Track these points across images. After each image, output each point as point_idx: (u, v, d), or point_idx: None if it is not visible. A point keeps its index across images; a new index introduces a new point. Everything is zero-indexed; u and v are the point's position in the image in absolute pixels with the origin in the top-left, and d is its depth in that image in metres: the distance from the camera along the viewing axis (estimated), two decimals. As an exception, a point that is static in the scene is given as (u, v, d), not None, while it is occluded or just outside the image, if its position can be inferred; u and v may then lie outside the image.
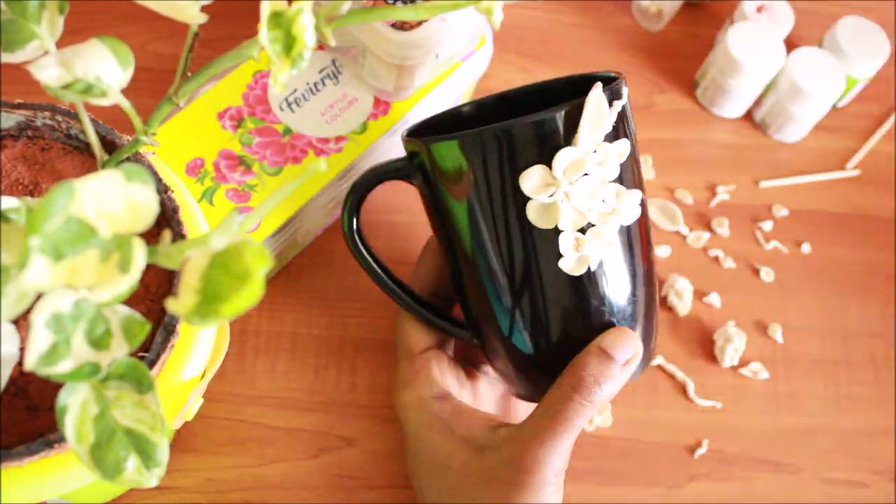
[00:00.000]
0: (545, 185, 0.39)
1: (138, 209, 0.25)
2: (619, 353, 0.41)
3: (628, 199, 0.41)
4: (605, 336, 0.42)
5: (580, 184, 0.39)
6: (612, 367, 0.41)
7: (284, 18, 0.26)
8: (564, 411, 0.40)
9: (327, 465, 0.50)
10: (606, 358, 0.41)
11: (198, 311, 0.24)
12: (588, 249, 0.40)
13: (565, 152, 0.39)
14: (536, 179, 0.39)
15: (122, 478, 0.28)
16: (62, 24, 0.31)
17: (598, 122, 0.39)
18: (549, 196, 0.39)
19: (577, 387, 0.40)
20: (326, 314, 0.54)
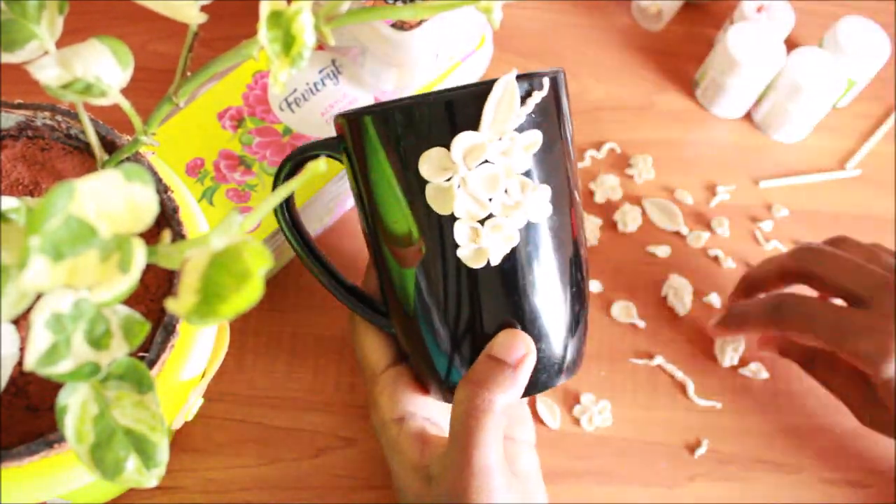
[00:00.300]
0: (442, 169, 0.38)
1: (138, 209, 0.25)
2: (508, 355, 0.40)
3: (535, 194, 0.39)
4: (493, 342, 0.40)
5: (479, 171, 0.38)
6: (504, 372, 0.40)
7: (284, 18, 0.26)
8: (473, 432, 0.39)
9: (327, 465, 0.50)
10: (496, 363, 0.40)
11: (197, 311, 0.24)
12: (486, 241, 0.38)
13: (465, 136, 0.37)
14: (434, 162, 0.38)
15: (122, 478, 0.28)
16: (62, 24, 0.31)
17: (506, 110, 0.37)
18: (445, 180, 0.38)
19: (473, 403, 0.39)
20: (326, 314, 0.54)
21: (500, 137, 0.38)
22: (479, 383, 0.39)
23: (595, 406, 0.54)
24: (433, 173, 0.38)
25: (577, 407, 0.54)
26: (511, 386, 0.40)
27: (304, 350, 0.53)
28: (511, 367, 0.40)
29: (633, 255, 0.58)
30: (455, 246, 0.39)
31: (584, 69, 0.64)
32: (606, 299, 0.57)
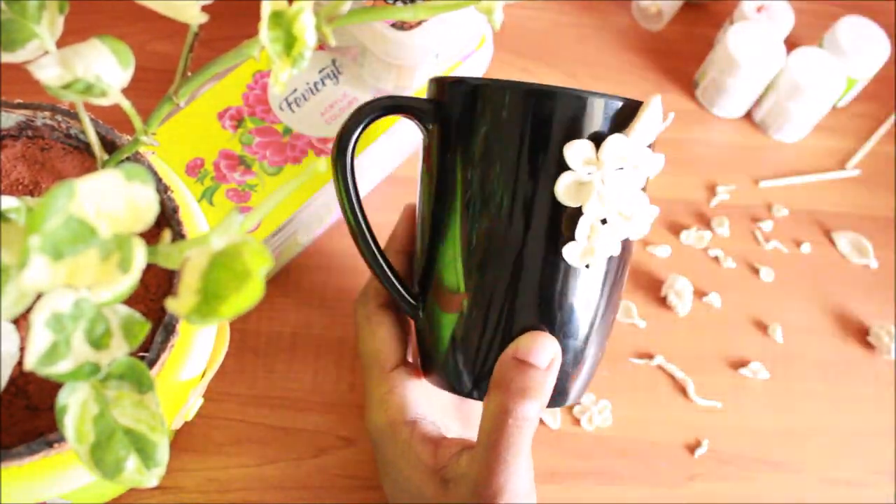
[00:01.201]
0: (587, 163, 0.38)
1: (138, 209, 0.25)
2: (537, 357, 0.39)
3: (646, 212, 0.40)
4: (517, 344, 0.39)
5: (618, 175, 0.38)
6: (536, 376, 0.39)
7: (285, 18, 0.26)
8: (503, 440, 0.38)
9: (327, 465, 0.50)
10: (525, 367, 0.39)
11: (198, 311, 0.24)
12: (597, 243, 0.39)
13: (618, 138, 0.38)
14: (582, 153, 0.38)
15: (122, 477, 0.28)
16: (62, 23, 0.31)
17: (651, 127, 0.39)
18: (587, 174, 0.38)
19: (505, 410, 0.38)
20: (326, 314, 0.54)
21: (638, 150, 0.39)
22: (516, 392, 0.38)
23: (595, 406, 0.54)
24: (577, 163, 0.38)
25: (577, 407, 0.54)
26: (545, 391, 0.39)
27: (304, 350, 0.53)
28: (543, 371, 0.39)
29: (633, 255, 0.58)
30: (558, 238, 0.39)
31: (584, 69, 0.64)
32: (606, 299, 0.57)
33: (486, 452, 0.39)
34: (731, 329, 0.57)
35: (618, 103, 0.39)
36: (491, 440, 0.38)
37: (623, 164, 0.38)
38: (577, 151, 0.38)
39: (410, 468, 0.42)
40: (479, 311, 0.40)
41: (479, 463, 0.39)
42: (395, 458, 0.43)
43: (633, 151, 0.38)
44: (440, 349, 0.42)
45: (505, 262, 0.40)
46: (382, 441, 0.43)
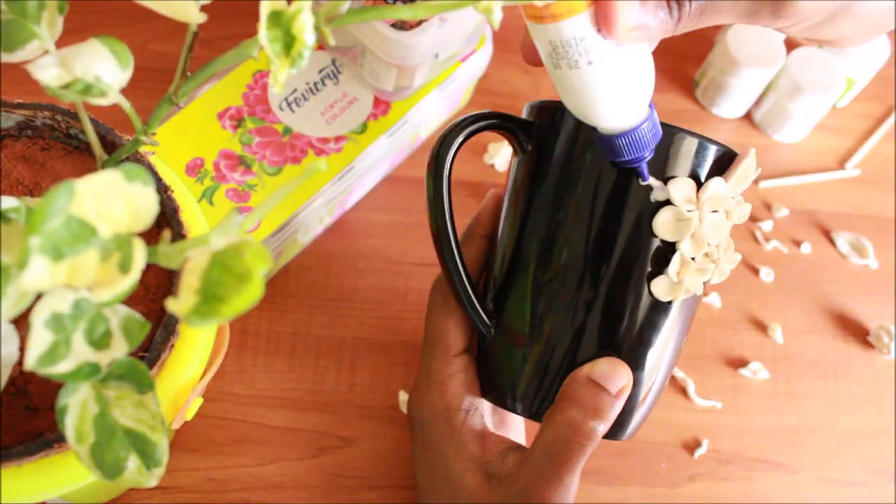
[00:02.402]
0: (688, 201, 0.39)
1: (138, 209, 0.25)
2: (612, 383, 0.39)
3: (731, 257, 0.41)
4: (594, 366, 0.40)
5: (713, 217, 0.39)
6: (607, 400, 0.39)
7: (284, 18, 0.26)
8: (565, 454, 0.39)
9: (327, 465, 0.50)
10: (598, 389, 0.39)
11: (198, 311, 0.24)
12: (687, 280, 0.39)
13: (718, 182, 0.39)
14: (685, 191, 0.39)
15: (122, 478, 0.28)
16: (62, 23, 0.31)
17: (746, 177, 0.40)
18: (688, 210, 0.39)
19: (573, 426, 0.39)
20: (326, 314, 0.54)
21: (732, 196, 0.40)
22: (588, 410, 0.39)
23: None
24: (679, 199, 0.39)
25: (577, 407, 0.54)
26: (612, 416, 0.40)
27: (305, 350, 0.53)
28: (614, 397, 0.39)
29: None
30: (648, 275, 0.39)
31: (584, 69, 0.64)
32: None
33: (544, 463, 0.39)
34: (731, 329, 0.57)
35: (719, 149, 0.40)
36: (552, 452, 0.39)
37: (719, 207, 0.39)
38: (681, 188, 0.39)
39: (455, 454, 0.42)
40: (556, 338, 0.41)
41: (533, 471, 0.39)
42: (441, 441, 0.42)
43: (728, 196, 0.40)
44: (507, 370, 0.42)
45: (588, 290, 0.40)
46: (433, 423, 0.43)
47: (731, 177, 0.40)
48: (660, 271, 0.39)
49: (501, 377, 0.43)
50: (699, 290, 0.40)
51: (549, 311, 0.41)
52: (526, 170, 0.42)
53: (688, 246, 0.39)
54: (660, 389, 0.43)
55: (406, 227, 0.56)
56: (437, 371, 0.43)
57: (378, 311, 0.54)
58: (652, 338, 0.41)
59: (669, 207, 0.39)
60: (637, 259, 0.39)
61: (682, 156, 0.39)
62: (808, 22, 0.35)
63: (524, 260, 0.42)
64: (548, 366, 0.41)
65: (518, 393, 0.42)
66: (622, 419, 0.42)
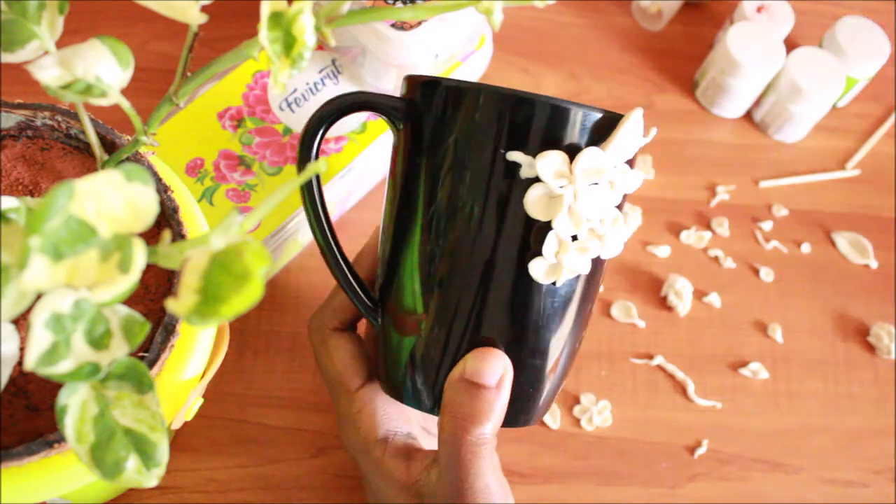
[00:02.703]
0: (558, 175, 0.36)
1: (138, 209, 0.25)
2: (487, 377, 0.37)
3: (620, 232, 0.38)
4: (464, 364, 0.38)
5: (592, 190, 0.36)
6: (486, 396, 0.37)
7: (284, 18, 0.26)
8: (464, 458, 0.38)
9: (327, 465, 0.50)
10: (476, 388, 0.37)
11: (198, 311, 0.24)
12: (567, 260, 0.37)
13: (592, 151, 0.36)
14: (554, 165, 0.36)
15: (122, 478, 0.28)
16: (62, 24, 0.31)
17: (630, 142, 0.37)
18: (560, 186, 0.36)
19: (461, 431, 0.37)
20: (326, 314, 0.54)
21: (614, 166, 0.37)
22: (466, 418, 0.37)
23: (595, 406, 0.54)
24: (548, 175, 0.36)
25: (576, 407, 0.54)
26: (497, 412, 0.38)
27: (304, 350, 0.53)
28: (494, 390, 0.37)
29: (633, 255, 0.58)
30: (525, 253, 0.37)
31: (584, 69, 0.64)
32: (606, 299, 0.57)
33: (448, 474, 0.38)
34: (731, 329, 0.57)
35: (596, 115, 0.37)
36: (451, 463, 0.38)
37: (598, 179, 0.36)
38: (550, 163, 0.36)
39: (385, 484, 0.42)
40: (440, 327, 0.39)
41: (446, 483, 0.39)
42: (370, 474, 0.43)
43: (608, 166, 0.36)
44: (399, 365, 0.40)
45: (468, 274, 0.38)
46: (358, 457, 0.43)
47: (609, 144, 0.36)
48: (538, 252, 0.37)
49: (393, 370, 0.41)
50: (585, 269, 0.37)
51: (430, 297, 0.39)
52: (401, 149, 0.40)
53: (564, 224, 0.36)
54: (563, 372, 0.41)
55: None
56: (344, 412, 0.43)
57: (378, 311, 0.54)
58: (542, 323, 0.38)
59: (539, 184, 0.36)
60: (515, 240, 0.37)
61: (555, 127, 0.36)
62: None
63: (404, 244, 0.39)
64: (432, 357, 0.39)
65: (409, 388, 0.40)
66: (522, 406, 0.40)
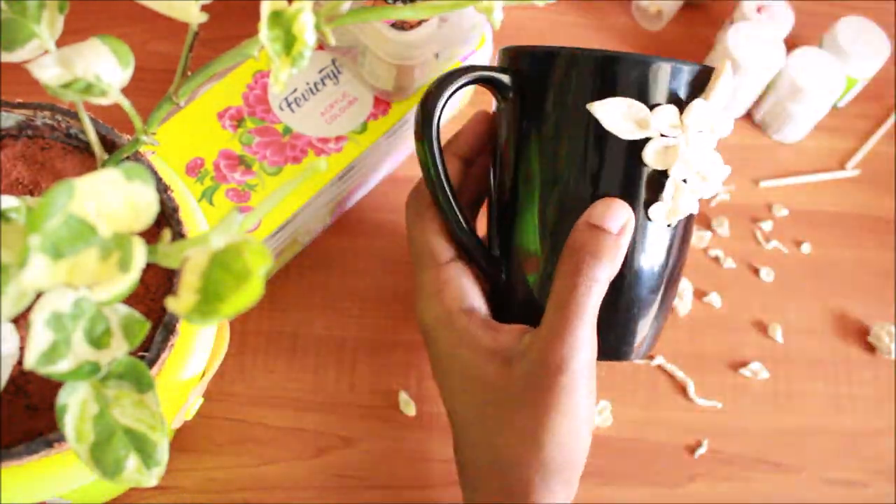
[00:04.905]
0: (672, 127, 0.40)
1: (138, 208, 0.25)
2: (611, 222, 0.39)
3: (720, 171, 0.42)
4: (591, 210, 0.40)
5: (700, 137, 0.41)
6: (607, 239, 0.39)
7: (285, 18, 0.26)
8: (573, 301, 0.39)
9: (327, 465, 0.50)
10: (598, 231, 0.39)
11: (198, 310, 0.24)
12: (682, 202, 0.41)
13: (701, 103, 0.40)
14: (669, 118, 0.40)
15: (122, 477, 0.28)
16: (62, 23, 0.31)
17: (725, 91, 0.41)
18: (673, 137, 0.40)
19: (576, 270, 0.39)
20: (326, 314, 0.54)
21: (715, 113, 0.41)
22: (587, 253, 0.39)
23: (595, 406, 0.54)
24: (664, 128, 0.40)
25: (577, 407, 0.54)
26: (617, 255, 0.40)
27: (304, 350, 0.53)
28: (615, 237, 0.39)
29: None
30: (644, 199, 0.41)
31: (584, 69, 0.64)
32: (606, 299, 0.57)
33: (554, 319, 0.39)
34: (731, 329, 0.57)
35: (695, 69, 0.41)
36: (560, 301, 0.39)
37: (704, 127, 0.41)
38: (665, 116, 0.40)
39: (471, 352, 0.41)
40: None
41: (546, 331, 0.39)
42: (452, 346, 0.41)
43: (712, 115, 0.41)
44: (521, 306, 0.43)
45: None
46: (438, 331, 0.42)
47: (710, 94, 0.41)
48: (656, 197, 0.41)
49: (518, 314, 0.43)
50: (695, 209, 0.42)
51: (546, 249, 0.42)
52: (512, 117, 0.43)
53: (679, 170, 0.41)
54: (667, 308, 0.45)
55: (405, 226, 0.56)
56: (429, 282, 0.43)
57: (378, 311, 0.54)
58: (655, 259, 0.42)
59: (657, 138, 0.40)
60: (634, 188, 0.41)
61: (660, 83, 0.40)
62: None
63: (525, 203, 0.43)
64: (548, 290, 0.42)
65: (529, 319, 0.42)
66: (630, 339, 0.43)
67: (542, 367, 0.38)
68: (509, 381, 0.39)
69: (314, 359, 0.53)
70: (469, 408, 0.41)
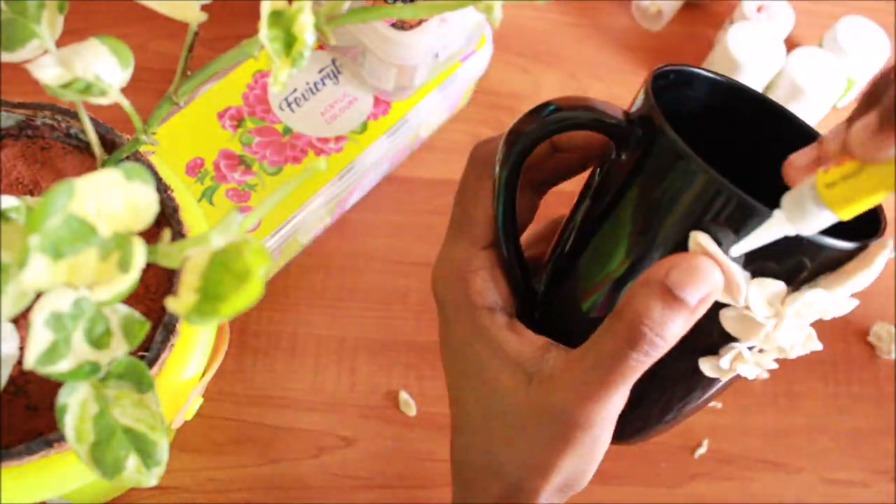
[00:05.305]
0: (769, 305, 0.32)
1: (138, 208, 0.25)
2: (690, 293, 0.32)
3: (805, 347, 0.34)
4: (671, 267, 0.32)
5: (793, 321, 0.32)
6: (680, 313, 0.32)
7: (284, 17, 0.26)
8: (619, 368, 0.33)
9: (327, 465, 0.50)
10: (673, 301, 0.32)
11: (198, 310, 0.24)
12: (740, 369, 0.34)
13: (818, 295, 0.31)
14: (769, 293, 0.32)
15: (122, 477, 0.28)
16: (62, 23, 0.31)
17: (863, 282, 0.32)
18: (764, 317, 0.32)
19: (633, 341, 0.33)
20: (326, 314, 0.54)
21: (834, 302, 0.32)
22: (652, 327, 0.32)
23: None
24: (757, 302, 0.32)
25: (577, 407, 0.53)
26: (679, 332, 0.33)
27: (304, 350, 0.53)
28: (689, 310, 0.32)
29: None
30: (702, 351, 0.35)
31: (584, 69, 0.64)
32: (606, 299, 0.57)
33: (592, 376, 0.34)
34: (731, 329, 0.57)
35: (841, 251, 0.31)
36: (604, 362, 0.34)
37: (810, 316, 0.32)
38: (765, 293, 0.32)
39: (488, 352, 0.37)
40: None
41: (578, 379, 0.35)
42: (468, 338, 0.38)
43: (828, 305, 0.32)
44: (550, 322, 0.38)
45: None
46: (457, 317, 0.39)
47: (838, 284, 0.31)
48: (714, 350, 0.34)
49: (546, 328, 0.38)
50: (752, 375, 0.35)
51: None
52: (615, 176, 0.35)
53: (753, 343, 0.33)
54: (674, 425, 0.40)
55: (406, 227, 0.56)
56: (459, 262, 0.39)
57: (378, 311, 0.54)
58: (687, 398, 0.37)
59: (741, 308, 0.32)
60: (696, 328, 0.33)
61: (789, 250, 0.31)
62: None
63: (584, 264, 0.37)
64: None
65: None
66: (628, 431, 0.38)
67: (565, 416, 0.35)
68: (526, 402, 0.37)
69: (314, 359, 0.53)
70: (476, 410, 0.39)
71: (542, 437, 0.37)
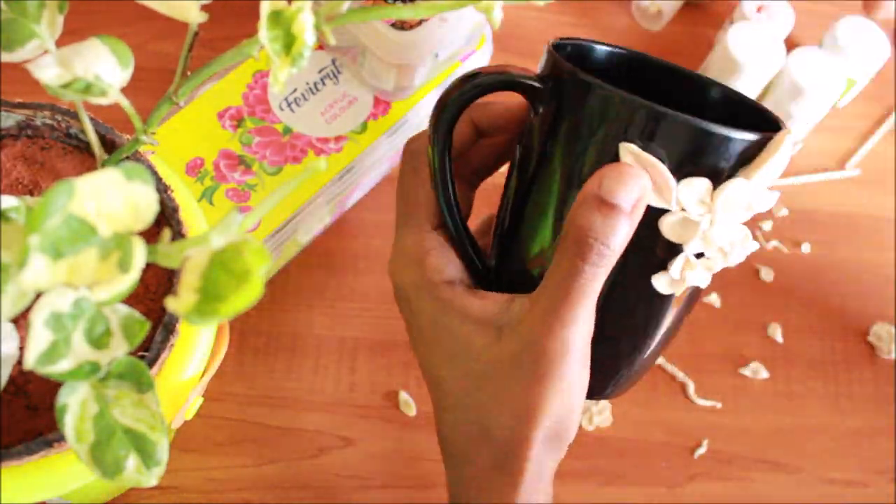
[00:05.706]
0: (700, 203, 0.35)
1: (138, 208, 0.25)
2: (623, 197, 0.34)
3: (746, 248, 0.37)
4: (602, 178, 0.35)
5: (728, 217, 0.35)
6: (618, 219, 0.35)
7: (284, 17, 0.26)
8: (576, 283, 0.35)
9: (327, 465, 0.50)
10: (608, 209, 0.35)
11: (197, 310, 0.24)
12: (690, 277, 0.36)
13: (741, 184, 0.35)
14: (698, 193, 0.35)
15: (122, 477, 0.28)
16: (62, 23, 0.31)
17: (777, 169, 0.35)
18: (698, 214, 0.35)
19: (581, 253, 0.35)
20: (326, 314, 0.54)
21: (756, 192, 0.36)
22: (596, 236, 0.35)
23: (595, 406, 0.54)
24: (690, 202, 0.35)
25: (577, 407, 0.53)
26: (627, 236, 0.35)
27: (304, 350, 0.53)
28: (626, 214, 0.35)
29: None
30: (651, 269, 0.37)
31: (584, 69, 0.64)
32: (606, 299, 0.57)
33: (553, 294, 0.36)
34: (730, 329, 0.57)
35: (747, 141, 0.35)
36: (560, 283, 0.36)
37: (737, 208, 0.36)
38: (694, 191, 0.35)
39: (457, 322, 0.38)
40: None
41: (542, 308, 0.36)
42: (434, 315, 0.39)
43: (751, 195, 0.35)
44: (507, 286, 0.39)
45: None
46: (420, 300, 0.40)
47: (755, 172, 0.35)
48: (663, 266, 0.37)
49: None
50: (705, 283, 0.38)
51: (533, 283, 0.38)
52: (537, 134, 0.38)
53: (695, 246, 0.36)
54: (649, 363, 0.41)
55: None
56: (411, 247, 0.40)
57: (378, 311, 0.54)
58: (650, 324, 0.39)
59: (677, 211, 0.35)
60: (644, 246, 0.36)
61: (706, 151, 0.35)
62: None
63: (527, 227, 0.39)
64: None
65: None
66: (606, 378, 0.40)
67: (537, 348, 0.36)
68: (500, 354, 0.37)
69: (314, 359, 0.53)
70: (456, 378, 0.39)
71: (521, 380, 0.37)
